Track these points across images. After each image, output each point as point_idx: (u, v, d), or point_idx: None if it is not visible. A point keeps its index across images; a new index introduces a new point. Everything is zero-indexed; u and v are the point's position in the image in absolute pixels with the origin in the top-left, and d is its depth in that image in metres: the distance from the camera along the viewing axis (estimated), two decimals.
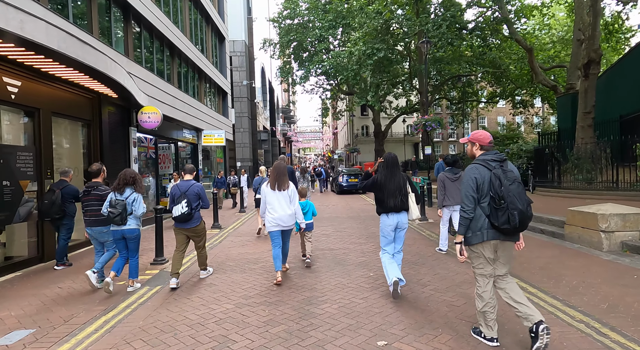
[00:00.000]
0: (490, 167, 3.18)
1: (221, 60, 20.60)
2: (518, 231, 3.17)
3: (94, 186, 5.53)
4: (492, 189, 3.11)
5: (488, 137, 3.37)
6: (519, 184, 3.12)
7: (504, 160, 3.24)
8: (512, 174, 3.16)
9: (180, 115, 13.37)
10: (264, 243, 8.25)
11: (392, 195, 4.60)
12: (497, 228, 3.11)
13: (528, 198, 3.13)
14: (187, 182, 5.44)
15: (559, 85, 22.39)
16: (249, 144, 31.74)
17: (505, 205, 3.04)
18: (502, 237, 3.18)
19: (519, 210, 3.01)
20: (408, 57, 28.25)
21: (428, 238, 8.33)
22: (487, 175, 3.16)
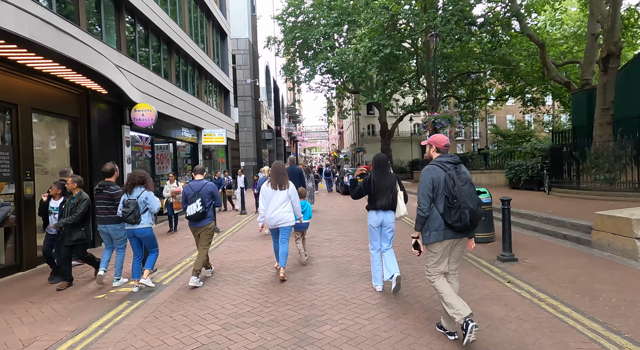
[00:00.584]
0: (445, 168, 3.35)
1: (223, 58, 20.07)
2: (469, 229, 3.33)
3: (105, 185, 5.55)
4: (447, 189, 3.28)
5: (444, 141, 3.58)
6: (470, 185, 3.33)
7: (458, 162, 3.44)
8: (465, 176, 3.36)
9: (179, 113, 12.85)
10: (262, 248, 7.68)
11: (384, 194, 4.75)
12: (451, 227, 3.28)
13: (479, 198, 3.34)
14: (200, 182, 5.54)
15: (572, 82, 21.63)
16: (252, 143, 31.23)
17: (457, 204, 3.22)
18: (457, 235, 3.36)
19: (469, 209, 3.21)
20: (415, 54, 27.55)
21: None
22: (443, 176, 3.33)
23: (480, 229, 7.45)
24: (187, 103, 13.74)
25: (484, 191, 7.58)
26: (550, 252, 6.52)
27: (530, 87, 28.59)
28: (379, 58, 20.96)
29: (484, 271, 5.65)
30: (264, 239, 8.78)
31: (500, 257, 6.10)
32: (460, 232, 3.33)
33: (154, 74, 11.26)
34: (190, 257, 7.13)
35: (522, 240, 7.48)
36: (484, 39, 24.05)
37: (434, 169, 3.39)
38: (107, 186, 5.53)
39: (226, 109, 20.24)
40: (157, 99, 11.18)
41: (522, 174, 14.94)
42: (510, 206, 6.18)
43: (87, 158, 7.97)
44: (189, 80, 14.78)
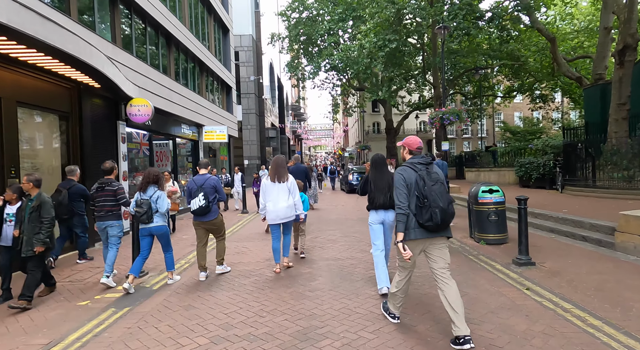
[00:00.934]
0: (416, 169, 3.41)
1: (225, 54, 19.70)
2: (441, 228, 3.36)
3: (107, 182, 5.54)
4: (417, 189, 3.34)
5: (417, 143, 3.63)
6: (441, 185, 3.36)
7: (430, 163, 3.49)
8: (436, 175, 3.41)
9: (178, 109, 12.48)
10: (262, 250, 7.28)
11: (381, 193, 4.76)
12: (423, 226, 3.32)
13: (450, 197, 3.38)
14: (203, 176, 5.51)
15: (584, 77, 21.02)
16: (256, 141, 30.87)
17: (428, 204, 3.27)
18: (429, 234, 3.38)
19: (440, 208, 3.25)
20: (422, 50, 27.01)
21: (449, 245, 7.24)
22: (414, 176, 3.39)
23: (493, 230, 7.03)
24: (187, 99, 13.38)
25: (497, 189, 7.13)
26: (569, 255, 6.06)
27: (540, 84, 28.00)
28: (385, 53, 20.48)
29: (499, 276, 5.21)
30: (264, 239, 8.40)
31: (517, 260, 5.65)
32: (433, 231, 3.37)
33: (151, 69, 10.90)
34: (185, 259, 6.76)
35: (538, 241, 7.02)
36: (493, 34, 23.49)
37: (405, 170, 3.47)
38: (108, 183, 5.53)
39: (228, 106, 19.87)
40: (155, 94, 10.82)
41: (533, 172, 14.42)
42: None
43: (78, 155, 7.62)
44: (189, 76, 14.42)
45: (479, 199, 7.14)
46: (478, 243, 7.17)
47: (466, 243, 7.31)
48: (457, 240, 7.62)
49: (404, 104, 33.10)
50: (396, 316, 3.83)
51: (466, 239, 7.63)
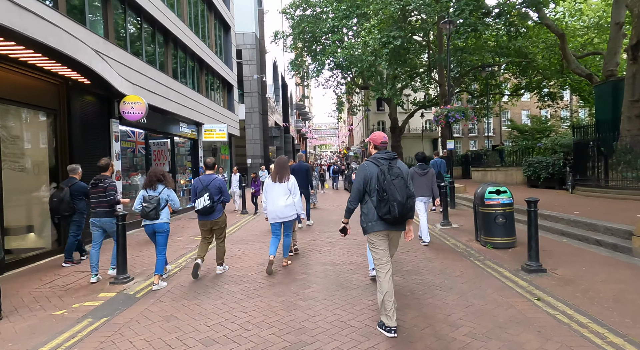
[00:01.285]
0: (379, 163, 3.53)
1: (226, 51, 19.40)
2: (399, 221, 3.50)
3: (101, 179, 5.63)
4: (378, 182, 3.46)
5: (380, 138, 3.71)
6: (401, 179, 3.47)
7: (393, 158, 3.58)
8: (398, 170, 3.50)
9: (175, 107, 12.18)
10: (257, 254, 6.95)
11: None
12: (382, 218, 3.46)
13: (410, 192, 3.48)
14: (209, 176, 5.60)
15: (594, 74, 20.48)
16: (259, 140, 30.57)
17: (387, 197, 3.39)
18: (390, 227, 3.53)
19: (398, 202, 3.37)
20: (427, 48, 26.54)
21: (453, 249, 6.87)
22: (375, 170, 3.51)
23: (500, 233, 6.64)
24: (185, 97, 13.09)
25: (505, 190, 6.73)
26: (583, 261, 5.66)
27: (548, 81, 27.45)
28: (389, 50, 20.06)
29: (508, 284, 4.83)
30: (261, 242, 8.07)
31: (526, 267, 5.26)
32: (392, 223, 3.51)
33: (147, 65, 10.60)
34: (175, 264, 6.44)
35: (548, 245, 6.62)
36: (500, 31, 22.97)
37: (368, 165, 3.61)
38: (102, 180, 5.61)
39: (230, 104, 19.57)
40: (151, 91, 10.52)
41: (542, 172, 13.96)
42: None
43: (67, 154, 7.33)
44: (188, 74, 14.13)
45: (485, 201, 6.75)
46: (484, 247, 6.78)
47: (472, 247, 6.92)
48: (462, 243, 7.24)
49: (409, 102, 32.63)
50: (392, 329, 3.49)
51: (472, 242, 7.25)
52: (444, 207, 9.26)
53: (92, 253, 5.52)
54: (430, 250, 6.78)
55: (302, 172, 8.96)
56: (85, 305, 4.60)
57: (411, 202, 3.47)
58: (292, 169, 8.58)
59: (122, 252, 5.33)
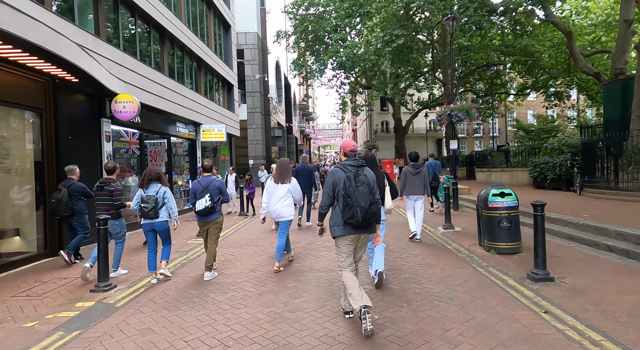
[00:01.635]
0: (346, 170, 3.70)
1: (226, 51, 19.14)
2: (362, 226, 3.64)
3: (106, 182, 5.73)
4: (344, 188, 3.63)
5: (350, 146, 3.89)
6: (366, 186, 3.62)
7: (361, 165, 3.77)
8: (364, 178, 3.67)
9: (172, 106, 11.92)
10: (249, 259, 6.65)
11: None
12: (347, 223, 3.62)
13: (374, 199, 3.63)
14: (208, 178, 5.65)
15: (602, 73, 20.03)
16: (261, 140, 30.31)
17: (351, 203, 3.56)
18: (355, 231, 3.69)
19: (361, 208, 3.53)
20: (431, 47, 26.16)
21: (455, 254, 6.53)
22: (343, 177, 3.68)
23: (505, 238, 6.29)
24: (182, 96, 12.82)
25: (510, 193, 6.38)
26: (594, 268, 5.30)
27: (554, 80, 26.98)
28: (392, 49, 19.71)
29: (512, 294, 4.49)
30: (255, 245, 7.77)
31: (532, 275, 4.92)
32: (356, 228, 3.67)
33: (141, 63, 10.34)
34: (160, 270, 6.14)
35: (556, 251, 6.26)
36: (506, 29, 22.56)
37: (336, 172, 3.78)
38: (108, 183, 5.71)
39: (230, 104, 19.31)
40: (145, 90, 10.27)
41: (549, 172, 13.55)
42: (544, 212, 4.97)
43: (53, 154, 7.06)
44: (185, 73, 13.88)
45: (489, 204, 6.41)
46: (488, 252, 6.44)
47: (475, 252, 6.58)
48: (464, 248, 6.89)
49: (412, 102, 32.27)
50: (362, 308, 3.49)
51: (475, 247, 6.90)
52: (446, 210, 8.92)
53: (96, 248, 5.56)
54: (431, 256, 6.44)
55: (306, 173, 9.09)
56: (59, 316, 4.31)
57: (374, 208, 3.64)
58: (295, 170, 8.91)
59: (103, 259, 5.05)
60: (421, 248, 7.05)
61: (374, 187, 3.71)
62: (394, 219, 10.54)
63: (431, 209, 11.87)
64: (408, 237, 7.75)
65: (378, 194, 3.75)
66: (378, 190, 3.86)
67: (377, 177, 4.77)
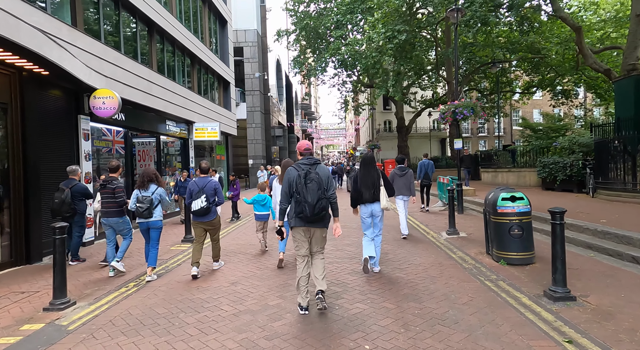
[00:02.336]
0: (299, 169, 4.03)
1: (223, 47, 18.54)
2: (311, 220, 3.97)
3: (109, 180, 5.86)
4: (295, 185, 3.98)
5: (304, 146, 4.28)
6: (315, 183, 3.94)
7: (314, 163, 4.09)
8: (315, 175, 3.98)
9: (161, 103, 11.32)
10: (233, 270, 6.02)
11: (367, 189, 5.36)
12: (298, 216, 4.00)
13: (323, 195, 3.94)
14: (204, 179, 5.77)
15: (613, 70, 19.29)
16: (261, 140, 29.73)
17: (300, 199, 3.92)
18: (307, 224, 4.04)
19: (308, 203, 3.88)
20: (435, 44, 25.47)
21: (461, 264, 5.88)
22: (295, 174, 4.02)
23: (516, 247, 5.63)
24: (173, 93, 12.22)
25: (521, 197, 5.72)
26: (620, 284, 4.63)
27: (561, 78, 26.25)
28: (394, 45, 19.04)
29: (528, 317, 3.84)
30: (242, 253, 7.15)
31: (550, 293, 4.26)
32: (307, 221, 3.98)
33: (125, 57, 9.74)
34: (134, 282, 5.54)
35: (574, 262, 5.59)
36: (512, 25, 21.87)
37: (291, 170, 4.05)
38: (110, 181, 5.84)
39: (226, 102, 18.70)
40: (130, 85, 9.67)
41: (559, 173, 12.85)
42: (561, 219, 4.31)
43: (20, 153, 6.47)
44: (177, 69, 13.27)
45: (498, 209, 5.75)
46: (497, 262, 5.79)
47: (482, 261, 5.93)
48: (471, 257, 6.24)
49: (415, 101, 31.59)
50: (303, 308, 4.08)
51: (482, 256, 6.25)
52: (450, 213, 8.25)
53: (108, 250, 5.99)
54: (434, 267, 5.79)
55: None
56: (21, 329, 3.74)
57: (322, 204, 3.91)
58: None
59: (59, 273, 4.44)
60: (423, 256, 6.41)
61: (326, 183, 3.99)
62: (397, 223, 9.92)
63: (423, 206, 12.01)
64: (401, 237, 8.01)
65: (332, 191, 4.04)
66: (331, 187, 4.09)
67: (372, 177, 5.34)
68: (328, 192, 3.99)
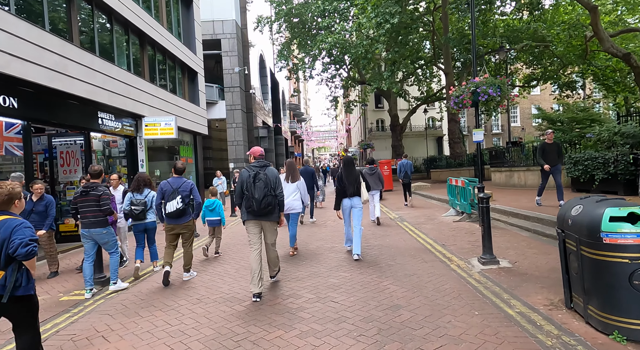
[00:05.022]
0: (250, 170, 4.68)
1: (188, 31, 15.78)
2: (259, 214, 4.62)
3: (92, 186, 5.22)
4: (245, 184, 4.62)
5: (258, 152, 4.92)
6: (262, 182, 4.57)
7: (263, 166, 4.75)
8: (264, 176, 4.62)
9: (83, 88, 8.53)
10: (218, 282, 3.36)
11: (351, 185, 6.31)
12: (248, 211, 4.65)
13: (269, 193, 4.59)
14: (179, 179, 5.54)
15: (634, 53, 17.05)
16: (243, 141, 26.93)
17: (249, 195, 4.57)
18: (256, 217, 4.67)
19: (255, 199, 4.53)
20: (432, 33, 23.09)
21: (535, 337, 3.23)
22: (246, 175, 4.67)
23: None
24: (106, 76, 9.44)
25: None
26: None
27: (564, 70, 24.12)
28: (386, 30, 16.55)
29: None
30: (228, 262, 4.45)
31: None
32: (256, 215, 4.65)
33: (16, 19, 6.94)
34: (93, 300, 2.81)
35: None
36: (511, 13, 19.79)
37: (244, 172, 4.76)
38: (94, 187, 5.21)
39: (193, 96, 15.90)
40: (24, 59, 6.89)
41: (597, 171, 10.33)
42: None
43: None
44: (116, 47, 10.47)
45: (604, 237, 3.13)
46: (602, 332, 3.17)
47: (569, 327, 3.32)
48: (542, 317, 3.61)
49: (410, 97, 29.20)
50: (255, 294, 4.54)
51: (559, 311, 3.66)
52: (485, 233, 5.58)
53: (85, 267, 5.15)
54: (481, 339, 3.14)
55: (308, 175, 9.59)
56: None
57: (268, 200, 4.57)
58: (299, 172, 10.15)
59: None
60: (460, 315, 3.76)
61: (273, 183, 4.65)
62: (404, 244, 7.28)
63: (406, 203, 13.05)
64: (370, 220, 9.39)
65: (279, 189, 4.72)
66: (279, 187, 4.76)
67: (353, 176, 6.31)
68: (276, 190, 4.69)
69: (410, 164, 13.19)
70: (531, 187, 13.61)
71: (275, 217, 4.75)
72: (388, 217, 10.71)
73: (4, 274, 2.53)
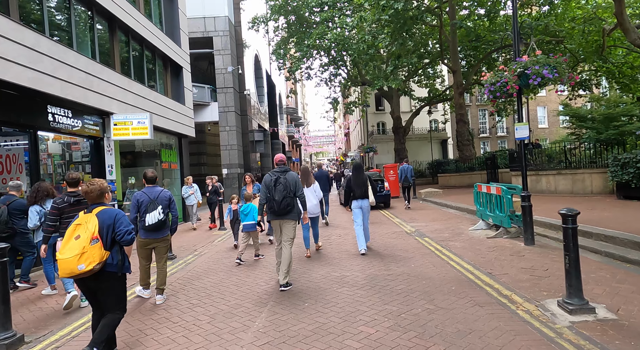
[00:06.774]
0: (272, 175, 5.22)
1: (170, 20, 14.06)
2: (280, 213, 5.13)
3: (76, 195, 4.83)
4: (268, 187, 5.12)
5: (278, 158, 5.51)
6: (282, 186, 5.07)
7: (284, 171, 5.24)
8: (284, 180, 5.12)
9: (24, 75, 6.74)
10: None
11: (359, 188, 7.02)
12: (271, 211, 5.18)
13: (288, 195, 5.08)
14: (153, 189, 5.04)
15: None
16: (237, 145, 25.18)
17: (271, 197, 5.08)
18: (277, 217, 5.21)
19: (275, 201, 5.05)
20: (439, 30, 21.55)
21: None
22: (269, 179, 5.17)
23: None
24: (60, 62, 7.65)
25: None
26: None
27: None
28: (389, 16, 14.94)
29: None
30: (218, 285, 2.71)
31: None
32: (277, 214, 5.16)
33: None
34: None
35: None
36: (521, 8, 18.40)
37: (267, 176, 5.22)
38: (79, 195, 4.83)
39: (177, 93, 14.14)
40: None
41: None
42: None
43: None
44: (74, 29, 8.68)
45: None
46: None
47: None
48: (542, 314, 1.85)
49: (414, 97, 27.60)
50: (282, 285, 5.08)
51: None
52: (569, 267, 3.81)
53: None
54: None
55: (324, 178, 10.32)
56: None
57: (287, 201, 5.07)
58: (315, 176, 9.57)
59: None
60: None
61: (292, 186, 5.13)
62: (437, 273, 5.54)
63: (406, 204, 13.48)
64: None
65: (299, 191, 5.25)
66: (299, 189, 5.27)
67: (362, 179, 7.05)
68: (297, 192, 5.23)
69: (410, 168, 13.95)
70: (563, 194, 11.86)
71: (294, 216, 5.19)
72: (404, 231, 8.96)
73: (110, 254, 3.15)
